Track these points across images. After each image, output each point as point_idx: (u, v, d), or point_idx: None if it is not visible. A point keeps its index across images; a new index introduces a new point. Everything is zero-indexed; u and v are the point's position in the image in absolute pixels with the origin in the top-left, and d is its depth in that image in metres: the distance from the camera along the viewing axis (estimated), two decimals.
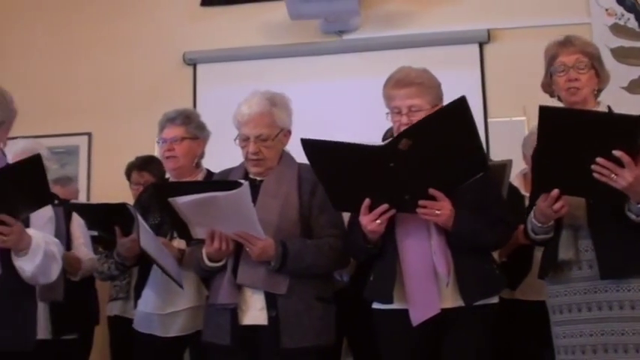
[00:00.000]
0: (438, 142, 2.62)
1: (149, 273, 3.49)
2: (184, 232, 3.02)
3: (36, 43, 6.09)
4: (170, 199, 2.86)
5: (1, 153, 2.78)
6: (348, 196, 2.79)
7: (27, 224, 2.72)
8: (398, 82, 2.93)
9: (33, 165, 2.59)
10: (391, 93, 2.93)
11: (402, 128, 2.83)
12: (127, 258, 3.45)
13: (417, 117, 2.83)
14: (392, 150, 2.61)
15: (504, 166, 3.47)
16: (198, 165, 3.56)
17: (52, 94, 5.90)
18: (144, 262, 3.46)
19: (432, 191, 2.69)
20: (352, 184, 2.74)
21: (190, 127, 3.51)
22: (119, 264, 3.52)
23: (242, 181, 2.81)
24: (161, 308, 3.45)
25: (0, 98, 2.77)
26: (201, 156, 3.59)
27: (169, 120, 3.52)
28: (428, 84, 2.93)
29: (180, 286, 3.28)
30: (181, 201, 2.84)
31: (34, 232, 2.73)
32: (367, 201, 2.73)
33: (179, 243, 3.36)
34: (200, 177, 3.54)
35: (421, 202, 2.70)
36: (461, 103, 2.60)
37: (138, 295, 3.55)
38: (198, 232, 2.95)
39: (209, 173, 3.57)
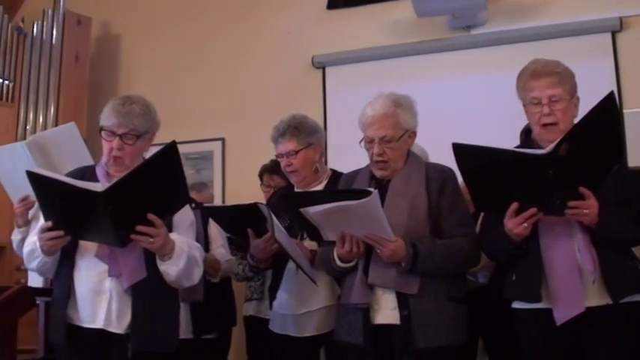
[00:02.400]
0: (590, 141, 2.57)
1: (283, 274, 3.55)
2: (316, 235, 3.07)
3: (170, 56, 6.35)
4: (302, 210, 2.92)
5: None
6: (495, 198, 2.76)
7: (170, 229, 2.83)
8: (536, 72, 2.88)
9: (169, 154, 2.67)
10: (529, 84, 2.88)
11: (543, 120, 2.81)
12: (260, 260, 3.49)
13: (558, 107, 2.81)
14: (553, 157, 2.55)
15: None
16: (317, 170, 3.55)
17: (186, 102, 6.12)
18: (277, 264, 3.53)
19: (583, 190, 2.64)
20: (501, 187, 2.70)
21: (301, 137, 3.49)
22: (253, 266, 3.59)
23: (371, 189, 2.81)
24: (296, 308, 3.50)
25: (146, 110, 2.93)
26: (322, 155, 3.60)
27: (280, 135, 3.51)
28: (566, 73, 2.89)
29: (314, 282, 3.33)
30: (313, 211, 2.88)
31: (177, 237, 2.84)
32: (515, 205, 2.69)
33: (309, 244, 3.40)
34: (324, 179, 3.56)
35: (571, 204, 2.65)
36: (610, 99, 2.56)
37: (273, 297, 3.60)
38: (329, 235, 2.99)
39: (334, 174, 3.58)
